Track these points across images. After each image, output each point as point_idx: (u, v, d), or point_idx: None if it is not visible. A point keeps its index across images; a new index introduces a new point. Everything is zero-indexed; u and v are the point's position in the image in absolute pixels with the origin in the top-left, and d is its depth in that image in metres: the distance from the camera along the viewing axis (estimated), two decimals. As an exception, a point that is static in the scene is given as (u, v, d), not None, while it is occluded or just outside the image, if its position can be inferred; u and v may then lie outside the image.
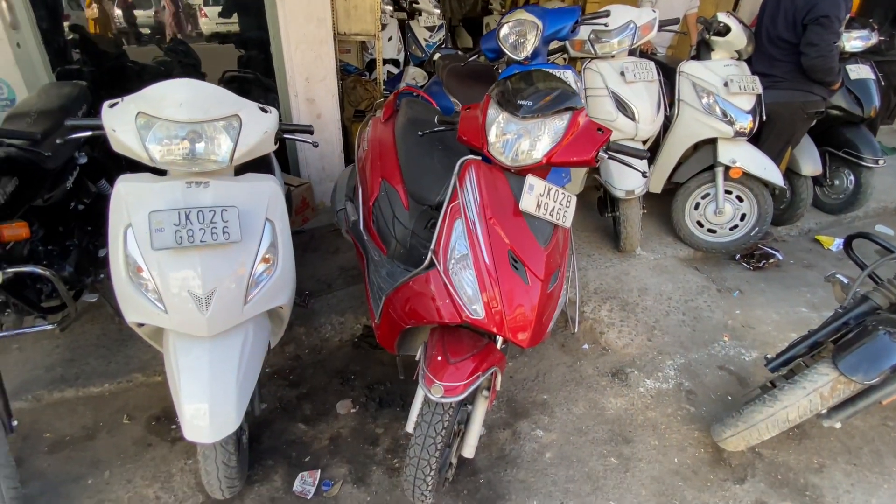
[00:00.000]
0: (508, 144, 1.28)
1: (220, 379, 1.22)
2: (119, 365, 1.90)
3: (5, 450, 1.19)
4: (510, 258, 1.23)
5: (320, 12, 2.48)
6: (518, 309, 1.23)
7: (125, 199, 1.20)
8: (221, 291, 1.21)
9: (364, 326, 2.15)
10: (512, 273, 1.23)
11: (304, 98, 2.65)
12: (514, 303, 1.23)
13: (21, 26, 2.33)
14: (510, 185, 1.30)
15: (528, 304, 1.23)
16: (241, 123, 1.26)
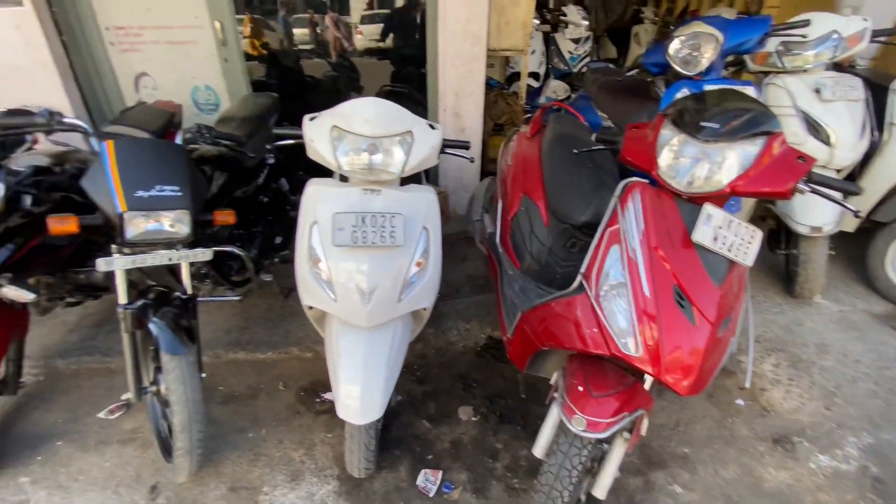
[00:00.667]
0: (683, 169, 1.18)
1: (372, 366, 1.34)
2: (280, 337, 2.20)
3: (199, 397, 1.45)
4: (675, 293, 1.13)
5: (477, 30, 2.58)
6: (678, 350, 1.12)
7: (314, 199, 1.38)
8: (382, 288, 1.33)
9: (488, 337, 2.17)
10: (675, 310, 1.13)
11: (451, 112, 2.78)
12: (674, 343, 1.12)
13: (229, 43, 2.84)
14: (681, 213, 1.19)
15: (692, 346, 1.11)
16: (413, 139, 1.37)
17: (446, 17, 2.56)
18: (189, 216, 1.40)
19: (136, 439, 1.78)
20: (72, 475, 1.64)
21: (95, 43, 2.76)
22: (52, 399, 1.96)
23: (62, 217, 1.32)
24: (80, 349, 2.15)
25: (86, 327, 2.28)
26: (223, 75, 2.89)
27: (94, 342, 2.19)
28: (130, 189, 1.30)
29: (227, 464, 1.66)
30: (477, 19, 2.56)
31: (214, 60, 2.84)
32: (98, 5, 2.68)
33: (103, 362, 2.11)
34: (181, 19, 2.72)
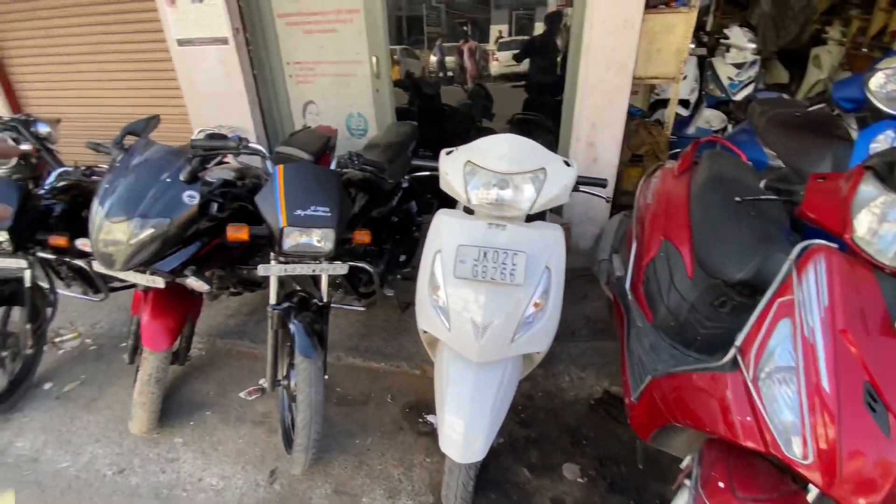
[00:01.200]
0: (889, 237, 0.94)
1: (478, 403, 1.31)
2: (393, 350, 2.30)
3: (321, 400, 1.58)
4: (865, 392, 0.89)
5: (624, 59, 2.45)
6: (862, 463, 0.87)
7: (440, 229, 1.42)
8: (495, 326, 1.30)
9: (605, 391, 1.99)
10: (864, 413, 0.88)
11: (585, 142, 2.67)
12: (857, 453, 0.88)
13: (382, 76, 3.12)
14: (883, 291, 0.95)
15: (881, 461, 0.86)
16: (546, 176, 1.33)
17: (590, 47, 2.48)
18: (334, 234, 1.55)
19: (265, 423, 2.00)
20: (213, 444, 1.91)
21: (278, 76, 3.29)
22: (208, 373, 2.33)
23: (238, 226, 1.56)
24: (235, 333, 2.52)
25: (241, 314, 2.67)
26: (374, 104, 3.20)
27: (246, 328, 2.55)
28: (292, 207, 1.49)
29: (334, 465, 1.78)
30: (625, 49, 2.42)
31: (368, 91, 3.17)
32: (284, 44, 3.19)
33: (249, 347, 2.45)
34: (346, 55, 3.09)
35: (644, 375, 1.40)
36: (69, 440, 1.96)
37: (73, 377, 2.33)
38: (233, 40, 3.00)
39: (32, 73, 3.85)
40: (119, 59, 3.48)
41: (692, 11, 2.71)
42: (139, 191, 1.58)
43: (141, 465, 1.82)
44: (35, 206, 1.96)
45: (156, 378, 1.77)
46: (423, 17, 10.36)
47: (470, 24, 10.89)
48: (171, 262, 1.65)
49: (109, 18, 3.33)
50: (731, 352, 1.08)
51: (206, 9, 2.94)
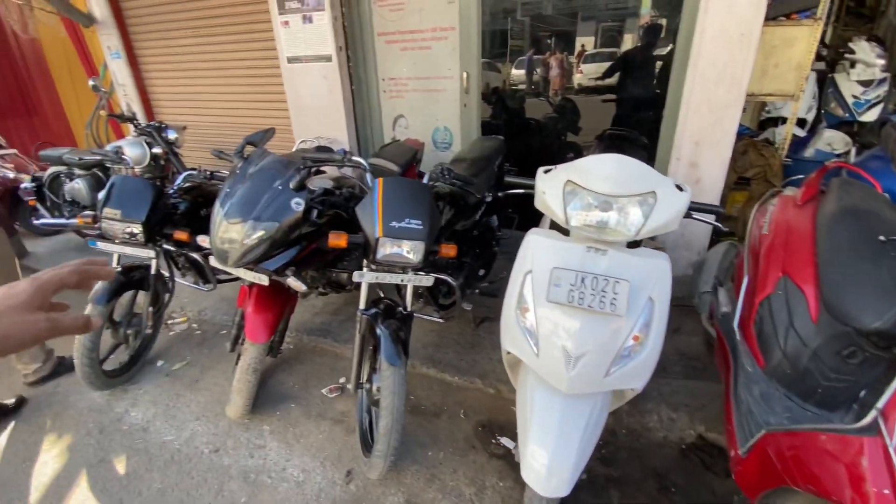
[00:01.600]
0: None
1: (565, 436, 1.25)
2: (467, 364, 2.29)
3: (403, 408, 1.60)
4: None
5: (737, 74, 2.26)
6: None
7: (532, 249, 1.39)
8: (589, 357, 1.23)
9: (699, 436, 1.82)
10: None
11: (687, 162, 2.50)
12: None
13: (471, 91, 3.16)
14: None
15: None
16: (656, 200, 1.25)
17: (699, 61, 2.33)
18: (423, 247, 1.58)
19: (344, 422, 2.08)
20: (296, 436, 2.02)
21: (373, 91, 3.46)
22: (294, 367, 2.47)
23: (338, 234, 1.65)
24: (320, 330, 2.66)
25: (326, 313, 2.82)
26: (460, 118, 3.26)
27: (330, 327, 2.68)
28: (388, 219, 1.55)
29: (407, 475, 1.79)
30: (739, 63, 2.24)
31: (456, 105, 3.23)
32: (381, 61, 3.36)
33: (332, 346, 2.57)
34: (438, 71, 3.19)
35: (755, 428, 1.25)
36: (174, 415, 2.18)
37: (180, 357, 2.59)
38: (336, 57, 3.22)
39: (164, 86, 4.41)
40: (236, 75, 3.88)
41: (817, 24, 2.46)
42: (254, 196, 1.72)
43: (233, 447, 1.97)
44: (164, 204, 2.22)
45: (253, 368, 1.91)
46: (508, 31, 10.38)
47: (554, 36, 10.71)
48: (276, 262, 1.78)
49: (232, 38, 3.73)
50: (872, 414, 0.93)
51: (314, 28, 3.19)
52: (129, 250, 2.13)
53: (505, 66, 8.75)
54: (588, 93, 6.71)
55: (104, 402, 2.28)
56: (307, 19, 3.19)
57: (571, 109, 4.18)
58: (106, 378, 2.26)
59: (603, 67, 5.00)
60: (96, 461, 1.95)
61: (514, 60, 9.23)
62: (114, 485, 1.83)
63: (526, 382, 1.40)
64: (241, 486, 1.79)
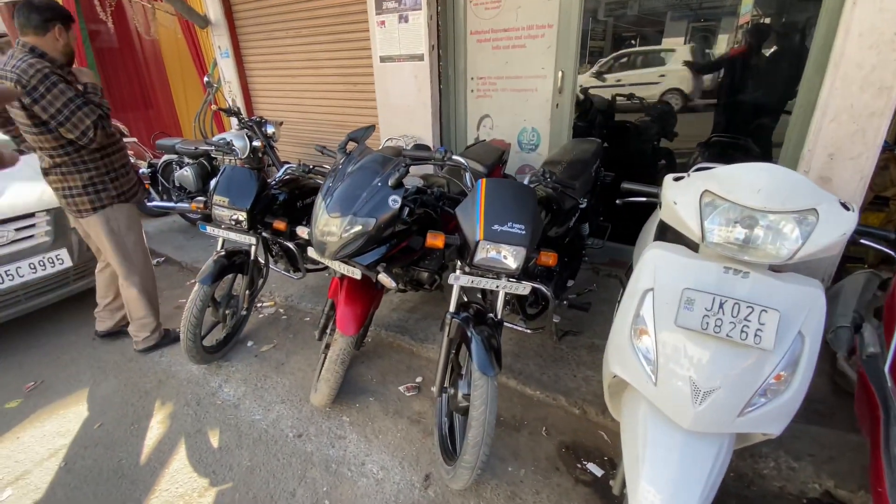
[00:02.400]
0: None
1: (684, 480, 1.11)
2: (549, 379, 2.18)
3: (494, 421, 1.53)
4: None
5: (887, 80, 1.94)
6: None
7: (654, 265, 1.26)
8: (721, 393, 1.09)
9: (825, 492, 1.57)
10: None
11: (816, 176, 2.20)
12: None
13: (565, 91, 3.02)
14: None
15: None
16: (818, 219, 1.07)
17: (841, 63, 2.03)
18: (524, 253, 1.50)
19: (421, 423, 2.05)
20: (375, 431, 2.02)
21: (461, 90, 3.43)
22: (372, 361, 2.49)
23: (436, 234, 1.61)
24: (397, 327, 2.67)
25: (403, 311, 2.83)
26: (550, 119, 3.13)
27: (407, 324, 2.68)
28: (490, 222, 1.48)
29: (487, 489, 1.72)
30: (890, 66, 1.92)
31: (547, 106, 3.11)
32: (471, 60, 3.32)
33: (409, 343, 2.56)
34: (530, 70, 3.09)
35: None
36: (262, 396, 2.28)
37: (268, 340, 2.72)
38: (427, 56, 3.23)
39: (265, 83, 4.70)
40: (330, 74, 4.03)
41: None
42: (354, 192, 1.74)
43: (315, 434, 2.02)
44: (267, 194, 2.33)
45: (342, 359, 1.94)
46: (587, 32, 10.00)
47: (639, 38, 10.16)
48: (370, 257, 1.79)
49: (329, 38, 3.88)
50: None
51: (409, 28, 3.22)
52: (234, 236, 2.26)
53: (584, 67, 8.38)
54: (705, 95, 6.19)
55: (201, 376, 2.45)
56: (403, 19, 3.22)
57: (669, 113, 3.89)
58: (205, 353, 2.41)
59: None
60: (194, 431, 2.09)
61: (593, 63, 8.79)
62: (208, 457, 1.94)
63: (636, 412, 1.28)
64: (323, 475, 1.82)
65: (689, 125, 4.16)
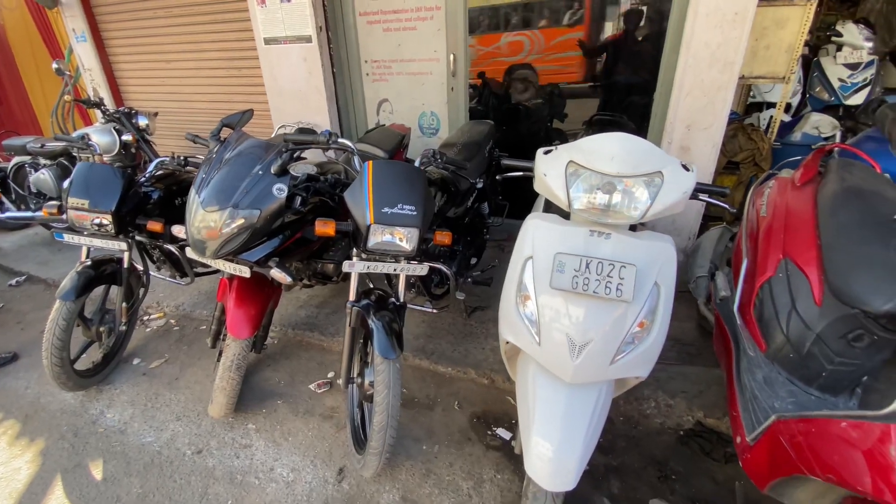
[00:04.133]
0: None
1: (570, 429, 1.20)
2: (460, 355, 2.23)
3: (398, 403, 1.53)
4: None
5: (731, 56, 2.22)
6: None
7: (533, 234, 1.32)
8: (594, 345, 1.18)
9: (697, 422, 1.80)
10: None
11: (678, 146, 2.46)
12: None
13: (458, 74, 3.06)
14: None
15: None
16: (663, 181, 1.19)
17: (692, 42, 2.27)
18: (418, 234, 1.50)
19: (333, 418, 2.00)
20: (284, 434, 1.93)
21: (356, 74, 3.33)
22: (279, 361, 2.37)
23: (325, 221, 1.55)
24: (305, 324, 2.56)
25: (311, 306, 2.72)
26: (447, 103, 3.16)
27: (316, 321, 2.58)
28: (380, 205, 1.46)
29: (402, 470, 1.73)
30: (732, 44, 2.20)
31: (443, 89, 3.13)
32: (363, 42, 3.23)
33: (319, 340, 2.48)
34: (423, 53, 3.07)
35: (763, 414, 1.22)
36: (153, 416, 2.06)
37: (158, 355, 2.46)
38: (315, 38, 3.07)
39: (134, 70, 4.18)
40: (211, 58, 3.69)
41: (810, 5, 2.42)
42: (232, 182, 1.61)
43: (217, 447, 1.88)
44: (136, 193, 2.08)
45: (237, 364, 1.81)
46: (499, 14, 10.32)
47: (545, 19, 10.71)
48: (258, 252, 1.68)
49: (205, 19, 3.54)
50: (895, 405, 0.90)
51: (292, 8, 3.03)
52: (99, 242, 2.00)
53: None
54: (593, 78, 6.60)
55: (77, 404, 2.16)
56: None
57: (558, 95, 4.11)
58: (78, 378, 2.13)
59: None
60: (71, 466, 1.84)
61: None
62: (90, 491, 1.73)
63: (527, 373, 1.34)
64: (227, 489, 1.70)
65: (582, 105, 4.44)
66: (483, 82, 4.31)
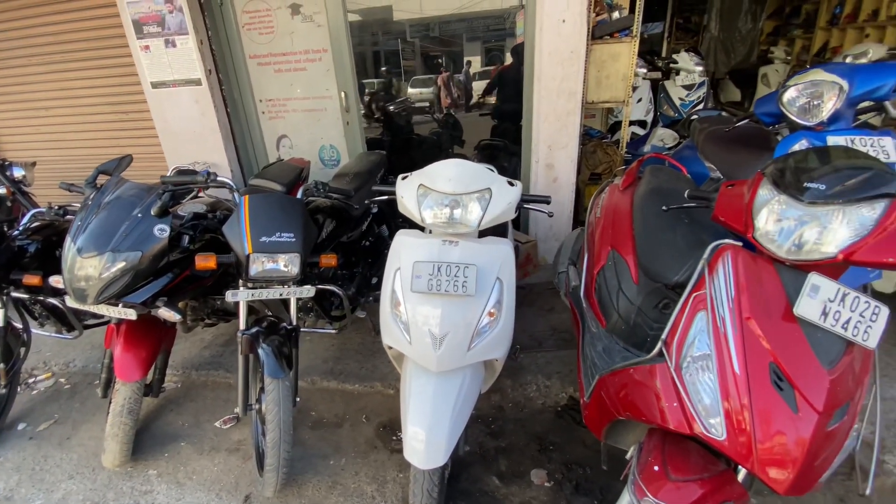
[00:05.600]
0: (785, 232, 1.07)
1: (438, 412, 1.37)
2: (368, 371, 2.35)
3: (290, 419, 1.62)
4: (772, 373, 1.00)
5: (573, 87, 2.64)
6: (776, 441, 0.97)
7: (399, 248, 1.52)
8: (452, 335, 1.38)
9: (570, 397, 2.07)
10: (772, 392, 0.99)
11: (544, 164, 2.83)
12: (770, 430, 0.97)
13: (351, 109, 3.27)
14: (783, 281, 1.06)
15: (793, 437, 0.96)
16: (491, 195, 1.45)
17: (542, 76, 2.67)
18: (300, 259, 1.64)
19: (240, 450, 2.02)
20: (188, 474, 1.92)
21: (251, 112, 3.42)
22: (183, 404, 2.34)
23: (206, 255, 1.63)
24: (210, 364, 2.54)
25: (217, 345, 2.70)
26: (345, 136, 3.35)
27: (221, 359, 2.57)
28: (257, 235, 1.58)
29: (308, 486, 1.80)
30: (572, 77, 2.62)
31: (339, 123, 3.31)
32: (256, 83, 3.34)
33: (225, 377, 2.47)
34: (316, 91, 3.25)
35: (594, 376, 1.48)
36: (42, 478, 1.95)
37: (46, 416, 2.31)
38: (206, 81, 3.13)
39: (8, 119, 3.91)
40: (94, 103, 3.58)
41: (634, 40, 2.94)
42: (111, 226, 1.65)
43: (115, 498, 1.82)
44: (9, 247, 2.00)
45: (128, 409, 1.79)
46: (399, 52, 10.81)
47: (444, 56, 11.40)
48: (143, 293, 1.71)
49: (85, 64, 3.45)
50: (659, 345, 1.18)
51: (179, 53, 3.08)
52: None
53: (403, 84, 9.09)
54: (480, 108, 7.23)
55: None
56: (170, 43, 3.07)
57: (453, 124, 4.48)
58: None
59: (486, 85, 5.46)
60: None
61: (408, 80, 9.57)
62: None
63: (406, 371, 1.52)
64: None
65: (485, 132, 4.81)
66: (384, 115, 4.58)
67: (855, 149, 1.31)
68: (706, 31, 7.38)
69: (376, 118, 4.28)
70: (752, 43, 6.90)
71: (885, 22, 4.79)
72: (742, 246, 1.15)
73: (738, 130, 2.28)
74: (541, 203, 1.61)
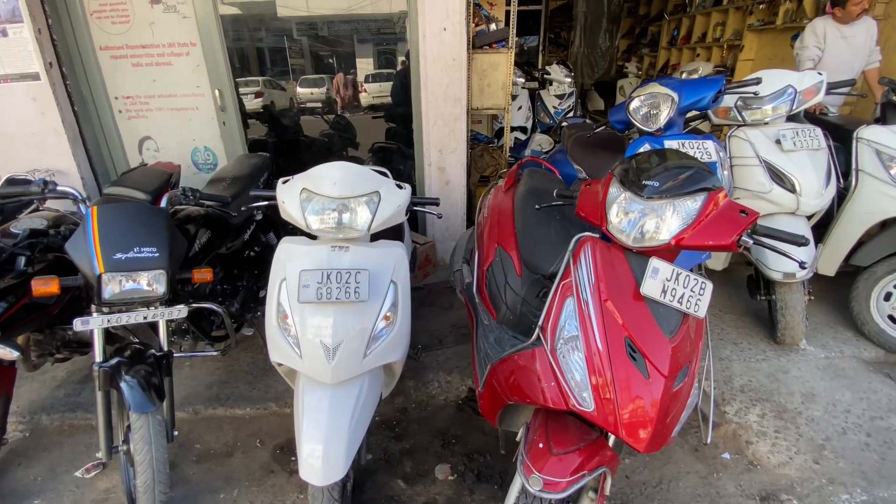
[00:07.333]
0: (631, 223, 1.23)
1: (335, 425, 1.33)
2: (260, 392, 2.19)
3: (164, 457, 1.45)
4: (627, 346, 1.15)
5: (457, 93, 2.75)
6: (633, 405, 1.11)
7: (284, 257, 1.44)
8: (346, 344, 1.35)
9: (469, 389, 2.15)
10: (628, 363, 1.13)
11: (436, 167, 2.91)
12: (629, 397, 1.12)
13: (227, 109, 3.03)
14: (631, 266, 1.23)
15: (646, 400, 1.11)
16: (380, 199, 1.44)
17: (428, 82, 2.74)
18: (166, 276, 1.46)
19: (109, 500, 1.75)
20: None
21: (105, 111, 2.98)
22: (34, 456, 1.95)
23: (46, 279, 1.38)
24: (65, 405, 2.16)
25: (72, 383, 2.30)
26: (221, 137, 3.08)
27: (79, 398, 2.20)
28: (109, 251, 1.38)
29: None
30: (456, 84, 2.73)
31: (214, 124, 3.04)
32: (109, 78, 2.92)
33: (85, 419, 2.11)
34: (184, 88, 2.94)
35: (487, 365, 1.57)
36: None
37: None
38: (45, 75, 2.66)
39: None
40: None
41: (511, 52, 3.17)
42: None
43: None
44: None
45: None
46: (286, 49, 10.25)
47: (335, 57, 11.08)
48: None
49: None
50: (536, 331, 1.29)
51: (10, 42, 2.58)
52: None
53: (290, 84, 8.59)
54: (373, 110, 7.15)
55: None
56: (1, 33, 2.55)
57: (345, 126, 4.37)
58: None
59: (384, 86, 5.42)
60: None
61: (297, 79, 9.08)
62: None
63: (298, 387, 1.44)
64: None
65: (380, 135, 4.75)
66: (269, 116, 4.30)
67: (683, 151, 1.56)
68: (573, 46, 8.25)
69: (259, 118, 4.01)
70: (611, 59, 7.87)
71: (711, 43, 5.81)
72: (599, 237, 1.30)
73: (598, 136, 2.58)
74: (430, 205, 1.65)
